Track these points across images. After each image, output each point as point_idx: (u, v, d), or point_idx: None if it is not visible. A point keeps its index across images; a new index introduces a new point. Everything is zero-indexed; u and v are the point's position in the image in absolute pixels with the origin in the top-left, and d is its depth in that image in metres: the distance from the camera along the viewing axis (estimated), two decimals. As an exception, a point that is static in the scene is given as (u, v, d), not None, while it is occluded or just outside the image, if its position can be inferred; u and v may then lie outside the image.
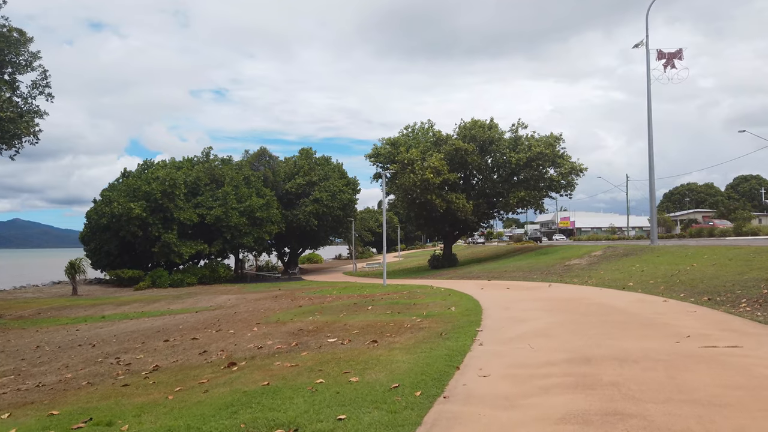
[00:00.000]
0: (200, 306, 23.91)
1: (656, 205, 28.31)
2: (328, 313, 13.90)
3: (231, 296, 29.43)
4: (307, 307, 17.21)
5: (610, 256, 24.78)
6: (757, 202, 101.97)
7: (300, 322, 12.28)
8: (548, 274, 24.04)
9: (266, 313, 16.34)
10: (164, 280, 43.36)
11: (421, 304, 14.31)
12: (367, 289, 24.35)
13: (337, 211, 58.57)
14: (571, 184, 43.10)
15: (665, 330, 8.35)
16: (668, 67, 26.61)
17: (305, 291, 27.42)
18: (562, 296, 14.58)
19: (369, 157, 48.70)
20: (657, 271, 17.44)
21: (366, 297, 19.37)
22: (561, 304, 12.59)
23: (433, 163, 39.74)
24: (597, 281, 18.27)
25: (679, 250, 21.62)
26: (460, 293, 17.28)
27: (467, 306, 12.81)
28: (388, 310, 13.29)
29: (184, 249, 44.73)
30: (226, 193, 47.10)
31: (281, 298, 23.69)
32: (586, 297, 13.92)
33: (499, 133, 44.49)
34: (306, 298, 21.66)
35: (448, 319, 10.71)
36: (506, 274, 28.16)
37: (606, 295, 14.31)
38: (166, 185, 44.63)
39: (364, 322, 11.22)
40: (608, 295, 14.08)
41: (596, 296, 14.00)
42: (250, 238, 48.46)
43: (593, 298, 13.61)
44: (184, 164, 51.46)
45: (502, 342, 8.01)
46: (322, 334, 9.87)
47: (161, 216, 45.04)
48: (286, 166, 61.97)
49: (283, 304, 20.01)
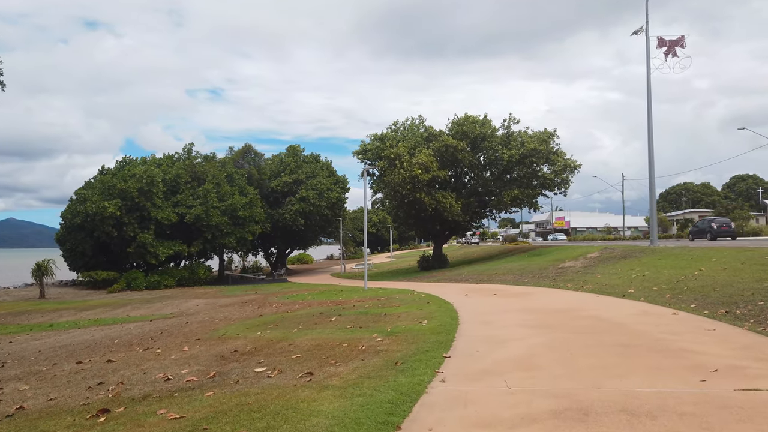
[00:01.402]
0: (161, 313, 21.96)
1: (655, 205, 26.54)
2: (284, 327, 12.00)
3: (202, 301, 27.47)
4: (268, 316, 15.30)
5: (607, 258, 22.96)
6: (754, 201, 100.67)
7: (243, 340, 10.37)
8: (540, 278, 22.21)
9: (219, 324, 14.42)
10: (140, 283, 41.31)
11: (393, 315, 12.43)
12: (344, 294, 22.47)
13: (324, 210, 56.57)
14: (565, 181, 41.32)
15: (682, 359, 6.49)
16: (669, 55, 24.81)
17: (280, 295, 25.49)
18: (553, 306, 12.71)
19: (356, 154, 46.79)
20: (660, 276, 15.61)
21: (339, 304, 17.48)
22: (551, 317, 10.73)
23: (421, 159, 37.86)
24: (593, 287, 16.42)
25: (682, 252, 19.81)
26: (440, 300, 15.40)
27: (442, 319, 10.93)
28: (351, 323, 11.40)
29: (161, 249, 42.66)
30: (207, 191, 45.05)
31: (250, 304, 21.76)
32: (580, 307, 12.07)
33: (492, 129, 42.65)
34: (275, 305, 19.75)
35: (415, 337, 8.83)
36: (496, 277, 26.33)
37: (604, 305, 12.45)
38: (143, 183, 42.55)
39: (315, 340, 9.33)
40: (606, 306, 12.22)
41: (593, 306, 12.14)
42: (232, 238, 46.43)
43: (589, 308, 11.75)
44: (164, 161, 49.37)
45: (471, 377, 6.13)
46: (255, 360, 7.97)
47: (138, 215, 42.96)
48: (272, 164, 59.96)
49: (246, 312, 18.09)
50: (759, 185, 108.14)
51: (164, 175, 45.81)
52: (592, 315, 10.68)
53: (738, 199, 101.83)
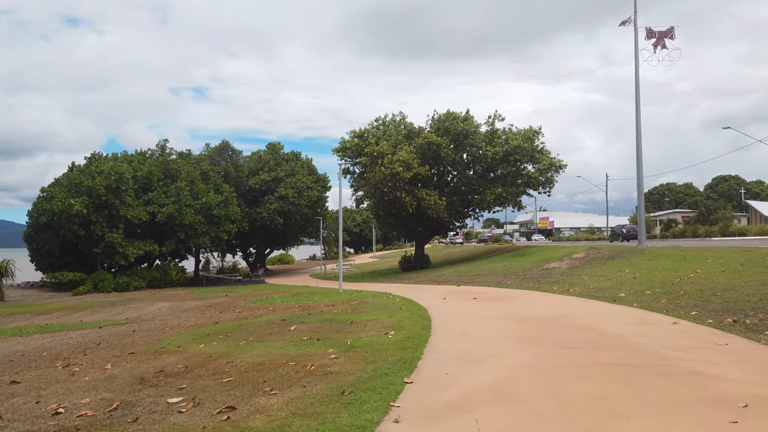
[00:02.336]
0: (117, 318, 20.31)
1: (643, 203, 25.49)
2: (235, 338, 10.57)
3: (167, 304, 25.83)
4: (225, 324, 13.82)
5: (594, 259, 21.80)
6: (736, 202, 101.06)
7: (179, 355, 8.91)
8: (524, 280, 20.98)
9: (167, 333, 12.92)
10: (107, 284, 39.39)
11: (359, 323, 11.06)
12: (316, 297, 21.03)
13: (304, 209, 55.00)
14: (550, 180, 40.23)
15: (700, 387, 5.20)
16: (658, 47, 23.76)
17: (250, 299, 23.96)
18: (538, 313, 11.42)
19: (336, 152, 45.28)
20: (653, 279, 14.42)
21: (306, 309, 16.07)
22: (536, 327, 9.42)
23: (402, 156, 36.52)
24: (581, 290, 15.20)
25: (673, 253, 18.70)
26: (415, 306, 14.05)
27: (412, 330, 9.57)
28: (310, 334, 10.00)
29: (131, 250, 40.74)
30: (180, 188, 43.20)
31: (213, 308, 20.22)
32: (568, 314, 10.79)
33: (475, 126, 41.41)
34: (238, 310, 18.24)
35: (376, 354, 7.46)
36: (478, 278, 25.08)
37: (594, 311, 11.19)
38: (112, 180, 40.59)
39: (260, 357, 7.92)
40: (597, 312, 10.96)
41: (582, 313, 10.87)
42: (206, 237, 44.62)
43: (579, 316, 10.47)
44: (136, 158, 47.39)
45: (433, 414, 4.77)
46: (177, 385, 6.54)
47: (106, 213, 41.00)
48: (250, 161, 58.19)
49: (204, 318, 16.58)
50: (741, 186, 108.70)
51: (135, 172, 43.88)
52: (583, 324, 9.39)
53: (720, 200, 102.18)
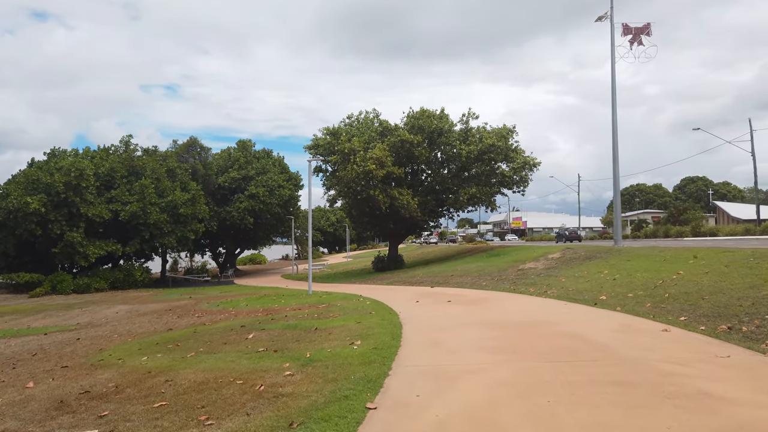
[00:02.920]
0: (67, 324, 18.93)
1: (619, 203, 25.11)
2: (184, 348, 9.53)
3: (125, 307, 24.43)
4: (178, 331, 12.73)
5: (571, 260, 21.25)
6: (704, 202, 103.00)
7: (115, 370, 7.85)
8: (499, 281, 20.31)
9: (113, 342, 11.77)
10: (66, 286, 37.57)
11: (323, 331, 10.12)
12: (283, 300, 19.99)
13: (275, 209, 53.68)
14: (524, 179, 39.80)
15: (712, 412, 4.42)
16: (635, 43, 23.38)
17: (213, 301, 22.76)
18: (517, 318, 10.64)
19: (308, 149, 44.15)
20: (634, 281, 13.81)
21: (271, 313, 15.06)
22: (516, 335, 8.63)
23: (375, 153, 35.64)
24: (559, 292, 14.52)
25: (651, 253, 18.21)
26: (386, 309, 13.17)
27: (380, 339, 8.68)
28: (267, 344, 9.03)
29: (92, 249, 38.92)
30: (144, 186, 41.52)
31: (172, 312, 19.00)
32: (548, 319, 10.03)
33: (449, 124, 40.79)
34: (198, 314, 17.11)
35: (337, 370, 6.54)
36: (453, 279, 24.35)
37: (576, 315, 10.46)
38: (71, 176, 38.71)
39: (205, 373, 6.92)
40: (579, 317, 10.23)
41: (563, 318, 10.12)
42: (172, 237, 43.01)
43: (559, 321, 9.72)
44: (98, 154, 45.42)
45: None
46: (98, 411, 5.52)
47: (65, 212, 39.09)
48: (219, 159, 56.62)
49: (159, 323, 15.41)
50: (709, 187, 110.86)
51: (97, 168, 42.05)
52: (566, 331, 8.63)
53: (688, 200, 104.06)
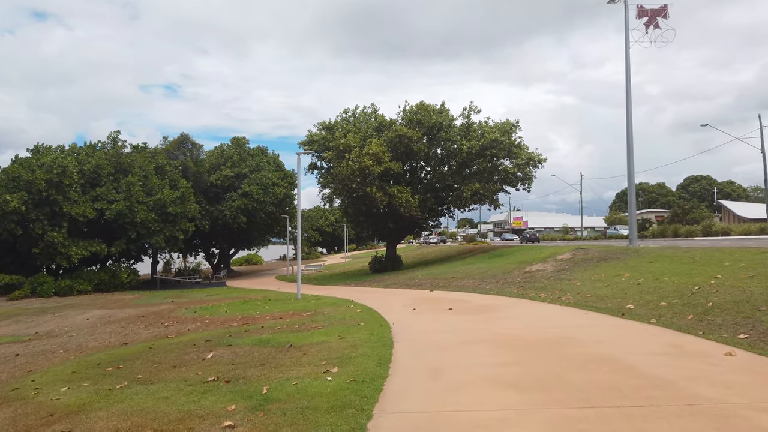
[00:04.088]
0: (26, 332, 17.08)
1: (634, 199, 23.32)
2: (125, 372, 7.73)
3: (100, 312, 22.62)
4: (135, 345, 10.92)
5: (583, 261, 19.44)
6: (707, 202, 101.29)
7: (15, 409, 6.05)
8: (505, 284, 18.51)
9: (52, 360, 9.97)
10: (47, 288, 35.75)
11: (299, 350, 8.32)
12: (268, 305, 18.18)
13: (270, 207, 51.85)
14: (528, 176, 37.99)
15: None
16: (650, 26, 21.58)
17: (194, 306, 20.95)
18: (532, 334, 8.82)
19: (303, 145, 42.34)
20: (662, 286, 12.01)
21: (248, 322, 13.27)
22: (536, 361, 6.82)
23: (372, 149, 33.83)
24: (576, 298, 12.73)
25: (675, 254, 16.39)
26: (378, 320, 11.37)
27: (364, 364, 6.87)
28: (223, 370, 7.24)
29: (74, 250, 37.10)
30: (131, 183, 39.66)
31: (144, 319, 17.19)
32: (573, 336, 8.23)
33: (449, 119, 38.97)
34: (169, 322, 15.30)
35: (296, 420, 4.74)
36: (453, 281, 22.54)
37: (605, 330, 8.65)
38: (54, 174, 36.90)
39: (120, 419, 5.13)
40: (610, 333, 8.42)
41: (591, 334, 8.31)
42: (160, 237, 41.16)
43: (588, 339, 7.91)
44: (84, 150, 43.58)
45: None
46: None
47: (47, 210, 37.27)
48: (212, 156, 54.82)
49: (121, 334, 13.61)
50: (713, 186, 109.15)
51: (81, 165, 40.23)
52: (601, 355, 6.82)
53: (692, 200, 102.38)
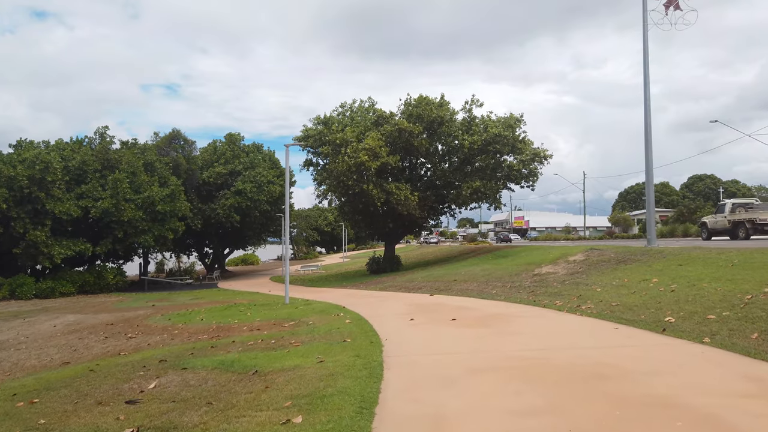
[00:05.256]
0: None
1: (652, 193, 21.59)
2: (39, 408, 5.98)
3: (73, 318, 20.86)
4: (77, 365, 9.18)
5: (599, 263, 17.65)
6: (712, 201, 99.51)
7: None
8: (513, 289, 16.74)
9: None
10: (27, 290, 34.05)
11: (261, 380, 6.56)
12: (250, 312, 16.42)
13: (264, 205, 50.13)
14: (534, 173, 36.21)
15: None
16: (671, 7, 19.81)
17: (172, 311, 19.20)
18: (556, 359, 7.03)
19: (298, 140, 40.56)
20: (703, 294, 10.24)
21: (220, 334, 11.52)
22: (568, 402, 5.05)
23: (368, 143, 32.07)
24: (598, 307, 10.96)
25: (707, 255, 14.57)
26: (368, 334, 9.60)
27: (340, 408, 5.10)
28: (154, 413, 5.48)
29: (57, 250, 35.36)
30: (118, 180, 37.90)
31: (113, 327, 15.43)
32: (610, 362, 6.46)
33: (451, 113, 37.18)
34: (134, 333, 13.54)
35: None
36: (455, 285, 20.76)
37: (648, 352, 6.87)
38: (36, 169, 35.18)
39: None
40: (657, 357, 6.64)
41: (630, 358, 6.53)
42: (148, 236, 39.44)
43: (629, 366, 6.13)
44: (69, 146, 41.83)
45: None
46: None
47: (30, 208, 35.56)
48: (205, 153, 53.09)
49: (73, 348, 11.86)
50: (717, 185, 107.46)
51: (66, 162, 38.52)
52: (660, 395, 5.05)
53: (697, 199, 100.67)
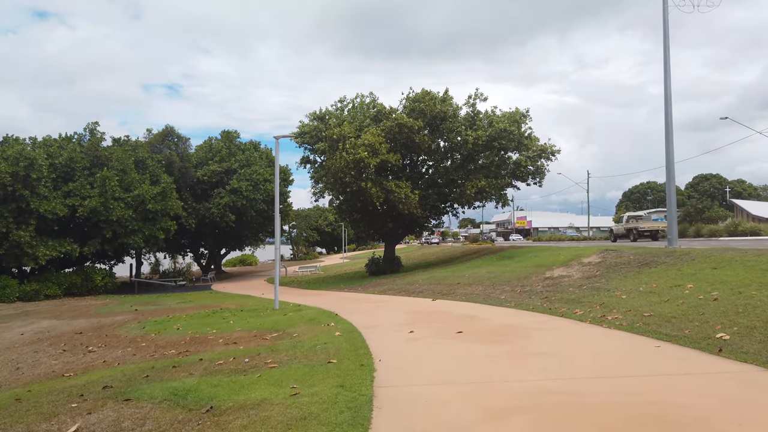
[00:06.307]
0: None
1: (674, 189, 20.03)
2: None
3: (47, 324, 19.29)
4: (6, 392, 7.63)
5: (617, 265, 16.06)
6: (718, 201, 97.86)
7: None
8: (523, 294, 15.18)
9: None
10: (10, 293, 32.46)
11: (218, 420, 5.01)
12: (233, 320, 14.86)
13: (261, 205, 48.59)
14: (540, 170, 34.59)
15: None
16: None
17: (152, 318, 17.64)
18: (598, 398, 5.47)
19: (294, 137, 39.01)
20: (754, 303, 8.66)
21: (191, 348, 9.97)
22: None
23: (367, 139, 30.51)
24: (627, 318, 9.39)
25: (744, 258, 12.94)
26: (359, 352, 8.04)
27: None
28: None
29: (42, 250, 33.81)
30: (107, 178, 36.36)
31: (79, 338, 13.88)
32: (675, 401, 4.89)
33: (454, 108, 35.56)
34: (96, 346, 11.98)
35: None
36: (460, 288, 19.19)
37: (715, 387, 5.30)
38: (20, 167, 33.62)
39: None
40: (731, 394, 5.06)
41: (697, 397, 4.97)
42: (138, 236, 37.87)
43: (703, 413, 4.56)
44: (57, 142, 40.29)
45: None
46: None
47: (13, 207, 33.99)
48: (200, 151, 51.51)
49: (18, 364, 10.31)
50: (723, 185, 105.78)
51: (53, 158, 37.00)
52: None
53: (702, 198, 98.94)
